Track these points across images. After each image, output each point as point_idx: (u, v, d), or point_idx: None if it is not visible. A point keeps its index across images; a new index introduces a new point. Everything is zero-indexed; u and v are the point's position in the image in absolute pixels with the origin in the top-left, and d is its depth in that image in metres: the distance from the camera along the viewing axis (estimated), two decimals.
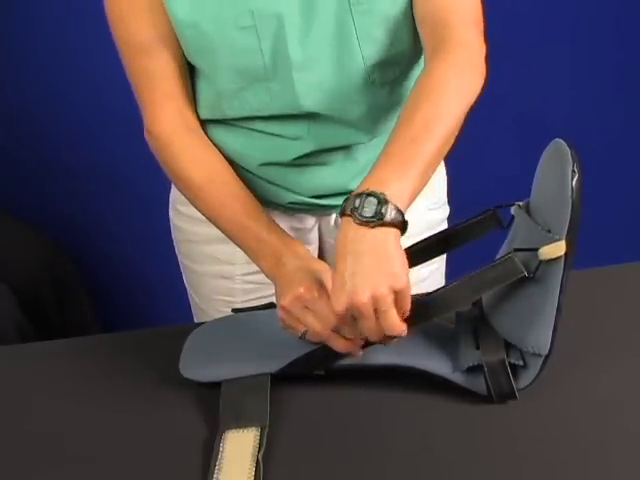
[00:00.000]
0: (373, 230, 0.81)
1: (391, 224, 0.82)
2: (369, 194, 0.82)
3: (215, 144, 1.11)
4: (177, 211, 1.24)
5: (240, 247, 1.04)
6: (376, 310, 0.81)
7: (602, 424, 0.85)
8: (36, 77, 2.01)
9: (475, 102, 0.94)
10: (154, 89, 1.07)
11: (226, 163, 1.09)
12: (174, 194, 1.24)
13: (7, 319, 1.70)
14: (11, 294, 1.73)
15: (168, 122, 1.08)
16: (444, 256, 1.26)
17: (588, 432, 0.85)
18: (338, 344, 0.89)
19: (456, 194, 1.30)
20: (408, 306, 0.83)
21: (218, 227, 1.07)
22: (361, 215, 0.81)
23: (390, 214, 0.81)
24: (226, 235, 1.06)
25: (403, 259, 0.82)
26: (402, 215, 0.83)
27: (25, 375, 1.03)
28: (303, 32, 1.01)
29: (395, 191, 0.83)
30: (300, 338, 0.92)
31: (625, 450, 0.82)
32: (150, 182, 1.30)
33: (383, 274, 0.80)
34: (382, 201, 0.81)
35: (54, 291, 1.86)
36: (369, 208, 0.81)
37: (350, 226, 0.82)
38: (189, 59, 1.07)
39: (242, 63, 1.03)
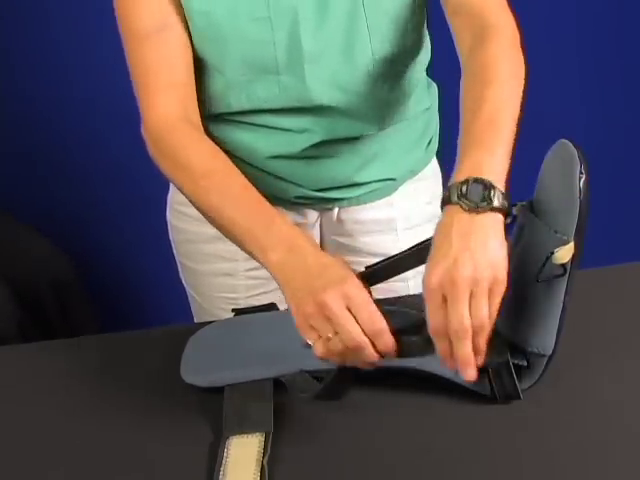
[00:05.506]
0: (480, 215, 0.80)
1: (499, 209, 0.80)
2: (475, 180, 0.80)
3: (220, 140, 1.08)
4: (176, 211, 1.23)
5: (241, 243, 0.94)
6: (471, 295, 0.77)
7: (603, 424, 0.86)
8: (42, 80, 2.01)
9: None
10: (156, 77, 1.02)
11: (226, 156, 1.01)
12: (172, 195, 1.24)
13: (9, 319, 1.70)
14: (13, 295, 1.73)
15: (168, 112, 1.02)
16: None
17: (589, 432, 0.85)
18: (371, 353, 0.82)
19: None
20: (497, 305, 0.79)
21: (216, 221, 0.97)
22: (470, 201, 0.80)
23: (498, 199, 0.80)
24: (223, 231, 0.97)
25: (506, 249, 0.80)
26: (507, 200, 0.81)
27: (25, 375, 1.03)
28: (316, 25, 1.01)
29: (496, 175, 0.82)
30: (308, 346, 0.84)
31: (626, 450, 0.83)
32: (151, 183, 1.29)
33: (489, 258, 0.78)
34: (489, 186, 0.80)
35: (55, 292, 1.86)
36: (477, 194, 0.80)
37: (457, 212, 0.80)
38: (197, 49, 1.05)
39: (253, 54, 1.03)
